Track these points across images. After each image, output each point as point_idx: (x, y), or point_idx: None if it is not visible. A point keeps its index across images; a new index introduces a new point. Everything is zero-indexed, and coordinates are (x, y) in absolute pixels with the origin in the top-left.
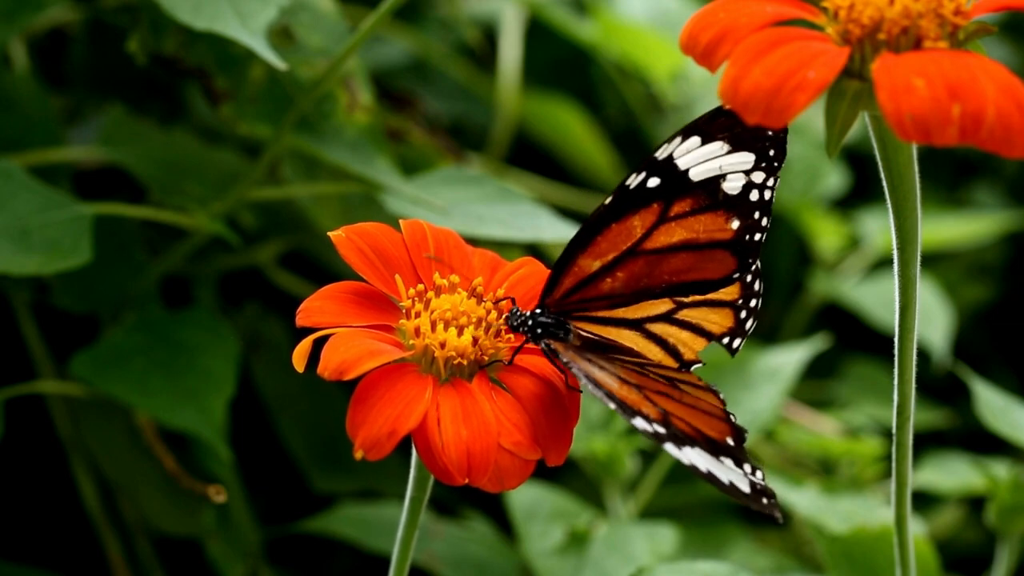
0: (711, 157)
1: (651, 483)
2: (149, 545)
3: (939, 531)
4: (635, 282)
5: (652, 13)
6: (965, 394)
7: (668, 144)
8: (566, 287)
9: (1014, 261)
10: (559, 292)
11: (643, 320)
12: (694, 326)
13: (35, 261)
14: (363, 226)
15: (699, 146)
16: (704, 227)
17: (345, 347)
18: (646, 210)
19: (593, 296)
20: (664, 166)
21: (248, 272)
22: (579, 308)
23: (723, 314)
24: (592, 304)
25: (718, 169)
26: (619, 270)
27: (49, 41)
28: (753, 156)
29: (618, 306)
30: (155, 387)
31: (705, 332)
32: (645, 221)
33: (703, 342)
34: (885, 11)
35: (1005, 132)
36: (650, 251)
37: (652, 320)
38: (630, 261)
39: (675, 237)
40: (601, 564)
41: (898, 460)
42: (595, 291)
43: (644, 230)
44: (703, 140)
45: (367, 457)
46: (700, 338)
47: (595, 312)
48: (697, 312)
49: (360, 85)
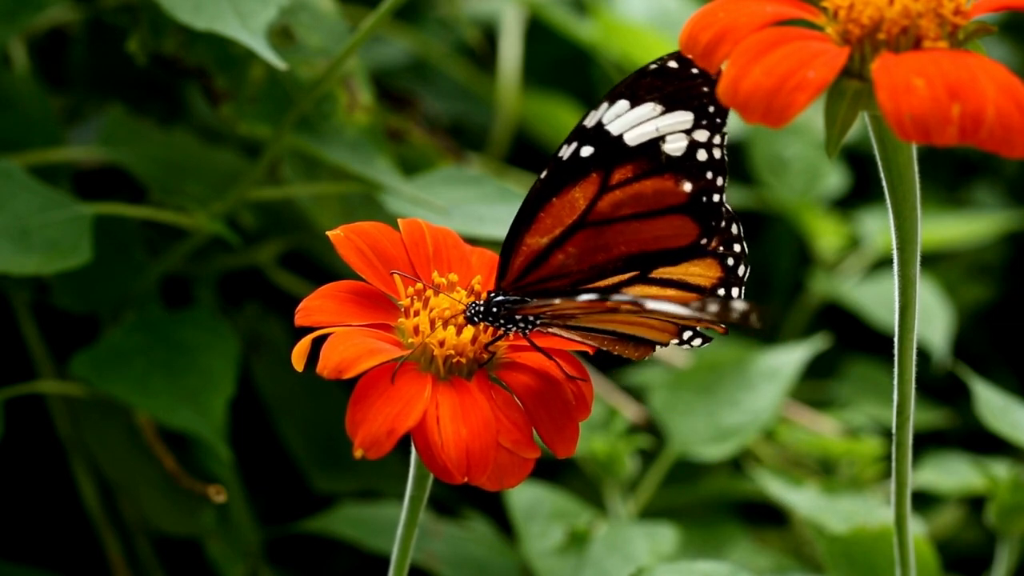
0: (644, 120)
1: (651, 483)
2: (149, 545)
3: (939, 531)
4: (590, 256)
5: (652, 13)
6: (965, 394)
7: (595, 111)
8: (518, 268)
9: (1014, 261)
10: (512, 275)
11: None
12: (676, 282)
13: (35, 261)
14: (362, 225)
15: (628, 109)
16: (652, 193)
17: (344, 346)
18: (585, 181)
19: (548, 275)
20: (595, 133)
21: (248, 272)
22: (540, 290)
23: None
24: (552, 283)
25: (655, 131)
26: (569, 245)
27: (49, 41)
28: (691, 115)
29: (581, 283)
30: (155, 387)
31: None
32: (586, 192)
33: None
34: (885, 11)
35: (1005, 132)
36: (596, 222)
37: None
38: (579, 234)
39: (622, 207)
40: (601, 564)
41: (898, 460)
42: (549, 269)
43: (587, 201)
44: (632, 103)
45: (367, 456)
46: (690, 294)
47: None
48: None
49: (360, 85)
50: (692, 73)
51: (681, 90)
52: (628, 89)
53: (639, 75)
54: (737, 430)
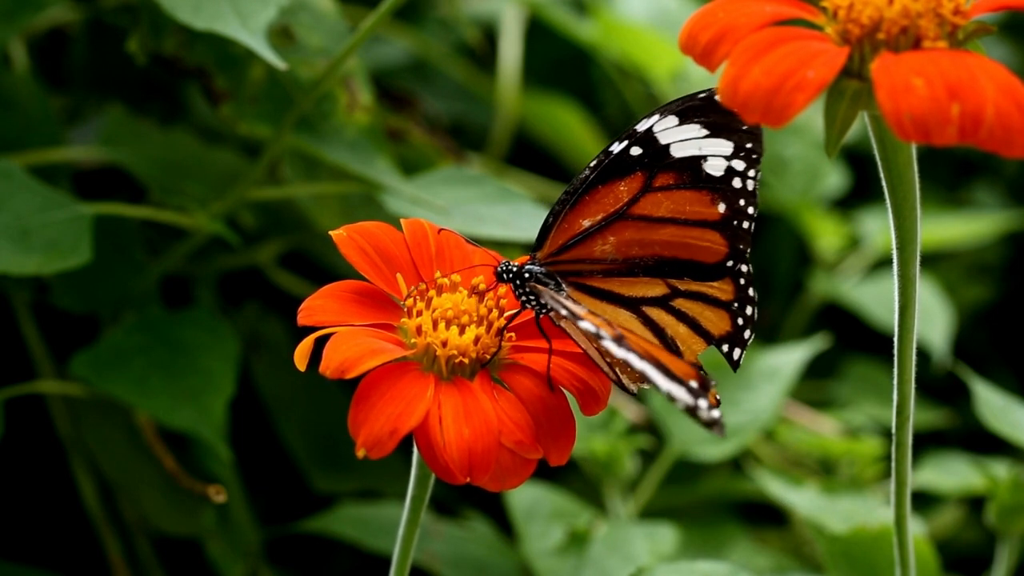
0: (690, 138)
1: (651, 483)
2: (149, 545)
3: (939, 531)
4: (626, 248)
5: (652, 13)
6: (965, 394)
7: (647, 119)
8: (556, 243)
9: (1014, 261)
10: (548, 248)
11: (639, 300)
12: (691, 320)
13: (35, 261)
14: (365, 225)
15: (676, 125)
16: (690, 203)
17: (347, 346)
18: (631, 177)
19: (585, 257)
20: (645, 137)
21: (248, 272)
22: (573, 271)
23: (720, 315)
24: (585, 267)
25: (698, 150)
26: (609, 233)
27: (49, 41)
28: (731, 145)
29: (612, 275)
30: (155, 387)
31: (703, 330)
32: (631, 187)
33: (702, 344)
34: (884, 11)
35: (1004, 132)
36: (638, 217)
37: (648, 303)
38: (619, 224)
39: (661, 207)
40: (601, 564)
41: (898, 460)
42: (587, 252)
43: (630, 195)
44: (680, 121)
45: (369, 456)
46: (698, 337)
47: (590, 280)
48: (694, 305)
49: (360, 85)
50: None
51: (723, 121)
52: (678, 108)
53: (688, 99)
54: (737, 430)
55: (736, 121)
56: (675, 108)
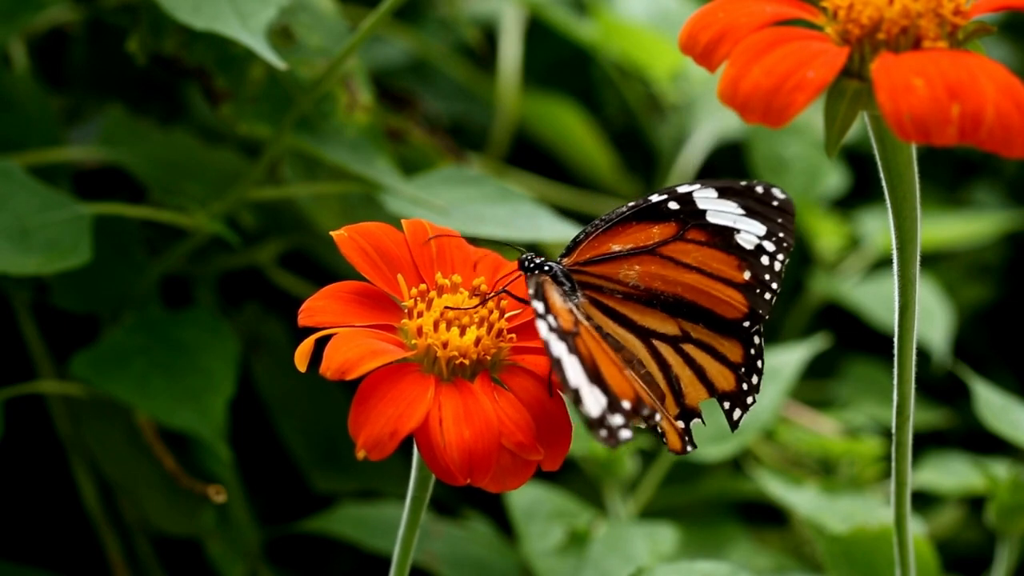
0: (726, 211)
1: (651, 483)
2: (149, 545)
3: (939, 531)
4: (650, 279)
5: (652, 13)
6: (965, 394)
7: (687, 185)
8: (583, 255)
9: (1014, 261)
10: (575, 257)
11: (650, 332)
12: (697, 367)
13: (35, 261)
14: (365, 225)
15: (716, 198)
16: (717, 262)
17: (347, 347)
18: (665, 224)
19: (609, 275)
20: (684, 199)
21: (248, 272)
22: (594, 284)
23: (725, 374)
24: (607, 284)
25: (732, 223)
26: (636, 262)
27: (49, 41)
28: (764, 228)
29: (630, 300)
30: (155, 387)
31: (707, 380)
32: (664, 232)
33: (704, 393)
34: (884, 11)
35: (1004, 132)
36: (666, 256)
37: (659, 337)
38: (647, 257)
39: (690, 256)
40: (601, 564)
41: (898, 460)
42: (612, 271)
43: (662, 238)
44: (719, 195)
45: (369, 457)
46: (701, 386)
47: (608, 299)
48: (702, 356)
49: (360, 85)
50: (772, 203)
51: (760, 209)
52: (717, 185)
53: (728, 182)
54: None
55: (772, 210)
56: (714, 184)
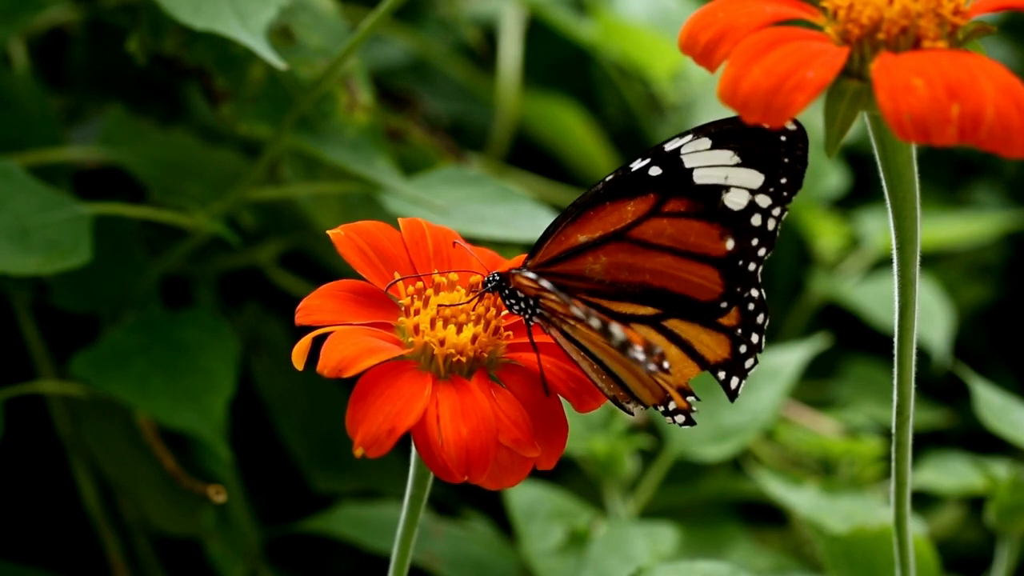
0: (718, 164)
1: (651, 483)
2: (149, 545)
3: (939, 531)
4: (616, 271)
5: (652, 13)
6: (965, 394)
7: (679, 138)
8: (549, 253)
9: (1014, 261)
10: (541, 258)
11: (628, 317)
12: (684, 342)
13: (35, 261)
14: (362, 224)
15: (708, 149)
16: (695, 235)
17: (344, 345)
18: (642, 198)
19: (574, 272)
20: (669, 158)
21: (248, 272)
22: (559, 284)
23: (718, 339)
24: (571, 283)
25: (723, 179)
26: (602, 252)
27: (49, 41)
28: (762, 177)
29: (598, 296)
30: (155, 387)
31: (696, 355)
32: (638, 208)
33: (695, 368)
34: (884, 11)
35: (1004, 132)
36: (635, 240)
37: (638, 320)
38: (615, 245)
39: (663, 235)
40: (601, 564)
41: (898, 460)
42: (577, 267)
43: (635, 217)
44: (713, 144)
45: (367, 455)
46: (691, 361)
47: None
48: (688, 327)
49: (360, 85)
50: (778, 139)
51: (762, 150)
52: (715, 130)
53: (729, 121)
54: (737, 430)
55: (776, 153)
56: (712, 130)
